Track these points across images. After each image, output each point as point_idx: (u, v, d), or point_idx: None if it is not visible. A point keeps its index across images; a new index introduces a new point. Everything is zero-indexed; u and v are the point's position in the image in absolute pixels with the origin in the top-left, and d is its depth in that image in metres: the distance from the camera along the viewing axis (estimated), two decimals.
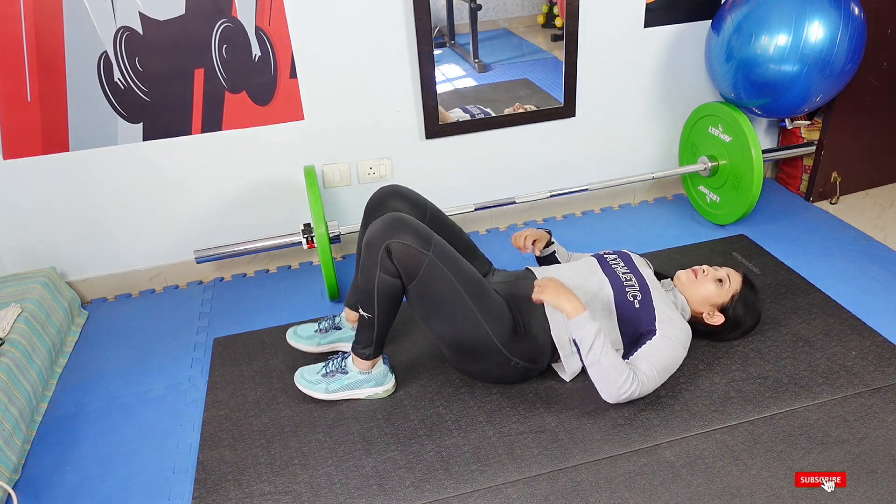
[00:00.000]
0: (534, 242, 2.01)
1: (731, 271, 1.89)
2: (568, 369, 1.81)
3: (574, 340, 1.73)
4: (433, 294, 1.66)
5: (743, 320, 1.89)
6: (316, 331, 2.01)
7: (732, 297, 1.86)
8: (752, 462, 1.60)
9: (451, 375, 1.93)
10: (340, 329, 2.01)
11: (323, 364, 1.87)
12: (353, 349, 1.81)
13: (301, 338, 2.00)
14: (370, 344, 1.77)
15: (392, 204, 1.87)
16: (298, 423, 1.80)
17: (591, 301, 1.77)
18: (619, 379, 1.65)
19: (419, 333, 2.11)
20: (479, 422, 1.76)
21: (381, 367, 1.84)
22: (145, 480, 1.69)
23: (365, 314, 1.72)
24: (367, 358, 1.79)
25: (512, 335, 1.73)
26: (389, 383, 1.86)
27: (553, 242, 2.06)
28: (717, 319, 1.87)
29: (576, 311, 1.66)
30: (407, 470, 1.64)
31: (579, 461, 1.63)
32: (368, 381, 1.83)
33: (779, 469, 1.57)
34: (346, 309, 2.02)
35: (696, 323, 1.89)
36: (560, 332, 1.76)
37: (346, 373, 1.82)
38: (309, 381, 1.85)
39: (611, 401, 1.71)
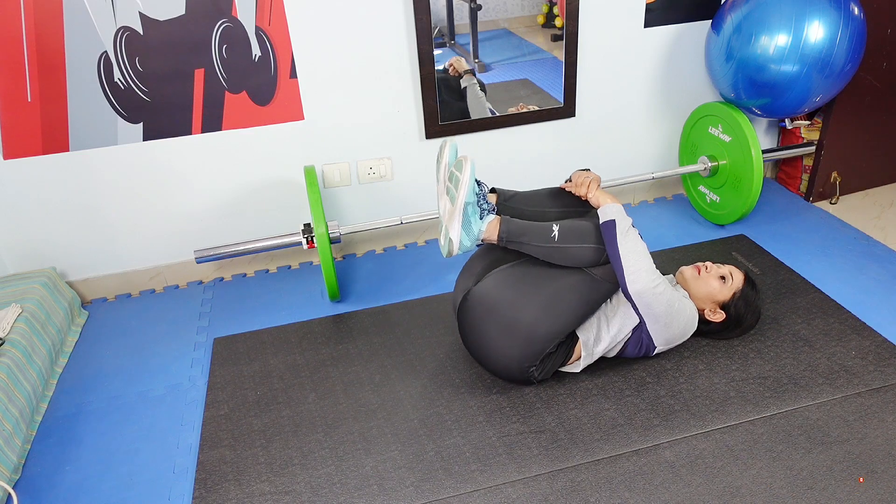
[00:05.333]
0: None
1: (734, 269, 1.91)
2: (582, 363, 1.82)
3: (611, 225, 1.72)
4: (577, 291, 1.70)
5: (744, 318, 1.90)
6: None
7: (734, 294, 1.87)
8: (752, 462, 1.60)
9: (451, 375, 1.93)
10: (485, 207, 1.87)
11: (482, 189, 1.79)
12: (503, 223, 1.75)
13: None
14: (515, 239, 1.73)
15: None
16: (298, 423, 1.80)
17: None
18: (651, 267, 1.69)
19: (419, 333, 2.12)
20: (479, 422, 1.76)
21: (475, 244, 1.78)
22: (145, 480, 1.69)
23: (556, 232, 1.70)
24: (497, 238, 1.74)
25: (552, 351, 1.76)
26: (463, 252, 1.76)
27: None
28: (719, 316, 1.88)
29: (614, 201, 1.76)
30: (407, 470, 1.64)
31: (579, 461, 1.63)
32: (471, 239, 1.74)
33: (779, 469, 1.57)
34: (492, 195, 1.89)
35: (698, 321, 1.90)
36: (586, 329, 1.79)
37: (480, 219, 1.75)
38: (471, 182, 1.71)
39: (640, 286, 1.68)
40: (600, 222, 1.72)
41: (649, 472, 1.59)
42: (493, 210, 1.79)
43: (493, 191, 1.90)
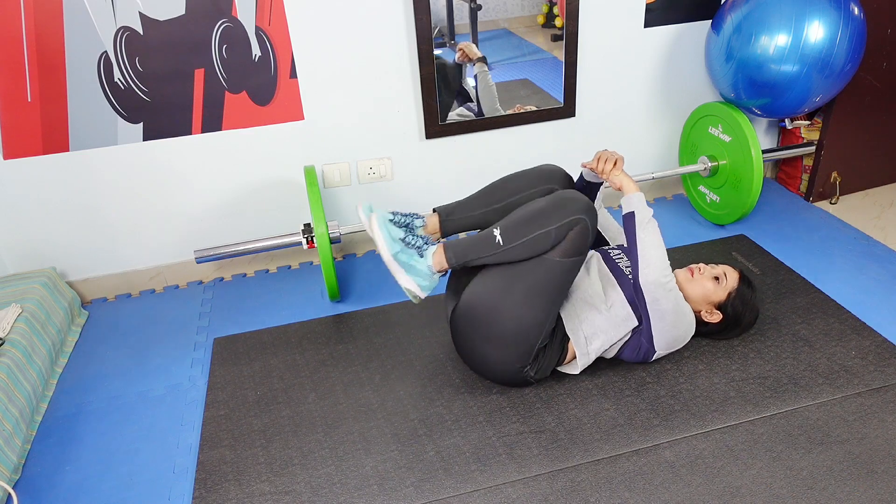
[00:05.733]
0: (615, 164, 1.83)
1: (728, 269, 1.90)
2: (580, 364, 1.80)
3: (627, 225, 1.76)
4: (546, 280, 1.67)
5: (742, 317, 1.90)
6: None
7: (730, 294, 1.86)
8: (752, 462, 1.60)
9: (451, 375, 1.93)
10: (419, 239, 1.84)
11: (406, 230, 1.77)
12: (447, 248, 1.71)
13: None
14: (466, 259, 1.70)
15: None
16: (298, 423, 1.80)
17: (599, 298, 1.78)
18: (665, 262, 1.71)
19: (419, 333, 2.11)
20: (479, 422, 1.76)
21: (440, 277, 1.75)
22: (145, 480, 1.69)
23: (499, 238, 1.66)
24: (451, 265, 1.72)
25: (543, 347, 1.75)
26: (426, 292, 1.75)
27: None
28: (716, 317, 1.87)
29: (637, 189, 1.79)
30: (407, 470, 1.64)
31: (579, 461, 1.63)
32: (425, 277, 1.73)
33: (779, 469, 1.57)
34: (434, 218, 1.87)
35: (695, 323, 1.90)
36: (575, 328, 1.77)
37: (422, 257, 1.72)
38: (388, 231, 1.73)
39: (653, 277, 1.69)
40: (622, 213, 1.76)
41: (649, 472, 1.59)
42: (427, 241, 1.76)
43: (435, 210, 1.90)
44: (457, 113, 2.46)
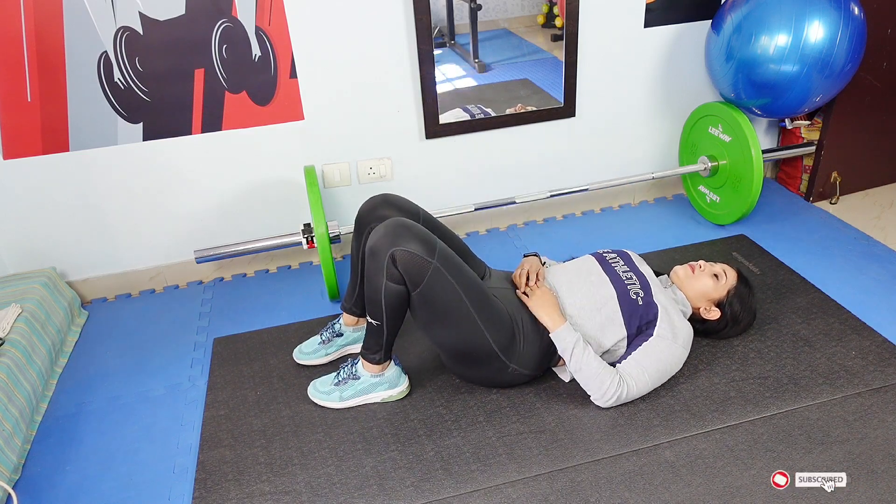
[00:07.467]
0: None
1: (726, 267, 1.92)
2: (568, 372, 1.81)
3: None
4: (436, 301, 1.65)
5: (740, 315, 1.90)
6: (319, 343, 2.00)
7: (728, 292, 1.88)
8: (752, 462, 1.60)
9: (452, 376, 1.93)
10: (342, 335, 2.00)
11: (334, 373, 1.87)
12: (362, 355, 1.80)
13: (307, 354, 2.00)
14: (379, 349, 1.76)
15: (383, 213, 1.84)
16: (298, 423, 1.80)
17: (591, 303, 1.77)
18: (605, 383, 1.70)
19: (419, 334, 2.11)
20: (479, 422, 1.76)
21: (392, 368, 1.83)
22: (145, 480, 1.69)
23: (373, 321, 1.71)
24: (376, 363, 1.79)
25: (511, 341, 1.74)
26: (403, 384, 1.85)
27: (544, 263, 2.01)
28: (714, 314, 1.88)
29: (555, 325, 1.73)
30: (407, 470, 1.64)
31: (579, 461, 1.63)
32: (381, 383, 1.82)
33: (779, 469, 1.57)
34: (344, 314, 2.01)
35: (694, 320, 1.90)
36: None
37: (358, 378, 1.82)
38: (322, 391, 1.85)
39: (601, 404, 1.74)
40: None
41: (649, 472, 1.59)
42: (356, 363, 1.84)
43: (342, 308, 2.02)
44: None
